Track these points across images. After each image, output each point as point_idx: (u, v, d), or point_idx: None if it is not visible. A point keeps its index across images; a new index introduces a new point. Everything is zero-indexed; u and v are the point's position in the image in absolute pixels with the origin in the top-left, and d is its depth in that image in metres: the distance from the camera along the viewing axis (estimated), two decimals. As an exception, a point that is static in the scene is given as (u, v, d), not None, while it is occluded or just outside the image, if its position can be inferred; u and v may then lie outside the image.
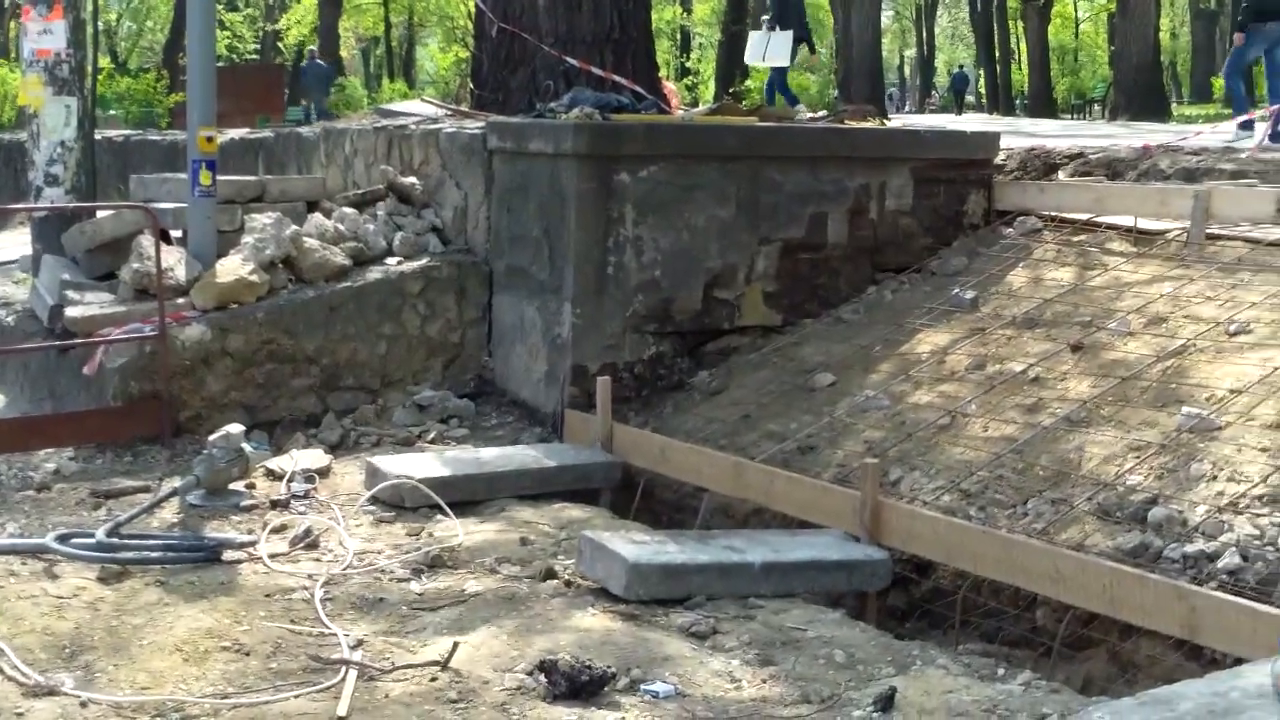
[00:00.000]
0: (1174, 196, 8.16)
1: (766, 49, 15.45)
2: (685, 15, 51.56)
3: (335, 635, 4.78)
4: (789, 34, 16.41)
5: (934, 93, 57.78)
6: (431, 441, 7.73)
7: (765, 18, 18.13)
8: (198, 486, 6.44)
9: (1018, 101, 46.54)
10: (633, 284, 7.92)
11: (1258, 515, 5.08)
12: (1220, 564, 4.91)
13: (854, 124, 10.02)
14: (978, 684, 4.41)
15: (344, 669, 4.45)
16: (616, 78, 10.32)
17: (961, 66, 59.30)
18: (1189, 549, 5.03)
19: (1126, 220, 8.33)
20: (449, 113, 11.46)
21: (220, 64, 30.69)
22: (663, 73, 15.71)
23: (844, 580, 5.57)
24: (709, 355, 8.15)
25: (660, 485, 6.99)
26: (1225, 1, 51.18)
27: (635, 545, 5.40)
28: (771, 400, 7.38)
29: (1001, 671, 4.69)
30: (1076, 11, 64.62)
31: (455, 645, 4.58)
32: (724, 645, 4.79)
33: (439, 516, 6.25)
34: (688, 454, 6.75)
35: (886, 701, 4.17)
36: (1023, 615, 5.33)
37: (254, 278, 7.98)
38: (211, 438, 6.61)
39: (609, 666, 4.37)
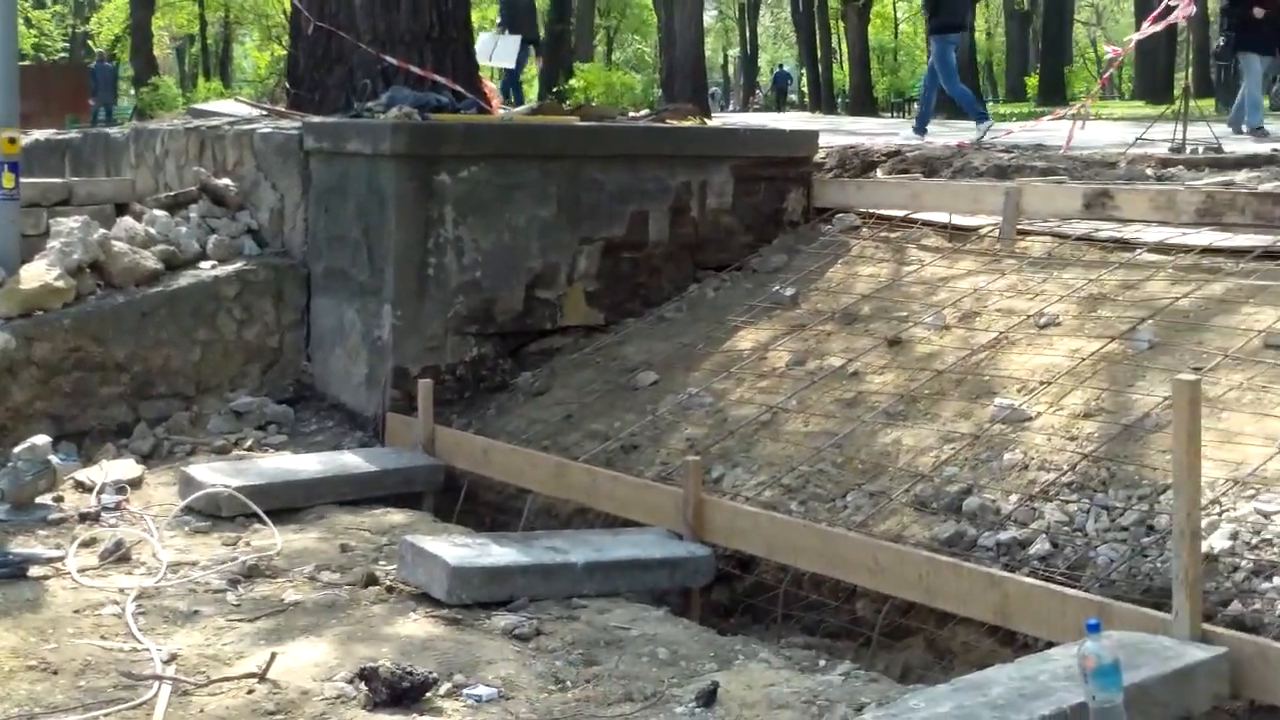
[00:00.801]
0: (986, 193, 8.35)
1: (494, 51, 15.77)
2: (508, 14, 51.45)
3: (148, 650, 4.64)
4: (517, 38, 17.01)
5: (758, 91, 58.41)
6: (249, 449, 7.56)
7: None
8: (2, 501, 6.22)
9: (839, 100, 47.31)
10: (454, 285, 7.85)
11: (1067, 502, 5.22)
12: (1032, 550, 5.03)
13: (675, 123, 10.08)
14: (798, 676, 4.45)
15: (156, 685, 4.33)
16: (436, 77, 10.23)
17: (783, 66, 60.12)
18: (1002, 537, 5.15)
19: (941, 217, 8.50)
20: (264, 112, 11.23)
21: (26, 63, 29.70)
22: (487, 72, 15.81)
23: (667, 578, 5.58)
24: (532, 356, 8.11)
25: (484, 488, 6.94)
26: (1039, 2, 52.71)
27: (457, 549, 5.35)
28: (594, 400, 7.38)
29: (822, 663, 4.76)
30: (896, 12, 65.93)
31: (273, 656, 4.48)
32: (547, 646, 4.76)
33: (257, 525, 6.11)
34: (510, 455, 6.71)
35: (709, 697, 4.18)
36: (843, 607, 5.40)
37: (60, 283, 7.72)
38: (16, 450, 6.39)
39: (431, 672, 4.31)
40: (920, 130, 14.58)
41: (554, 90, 24.84)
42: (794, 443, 6.28)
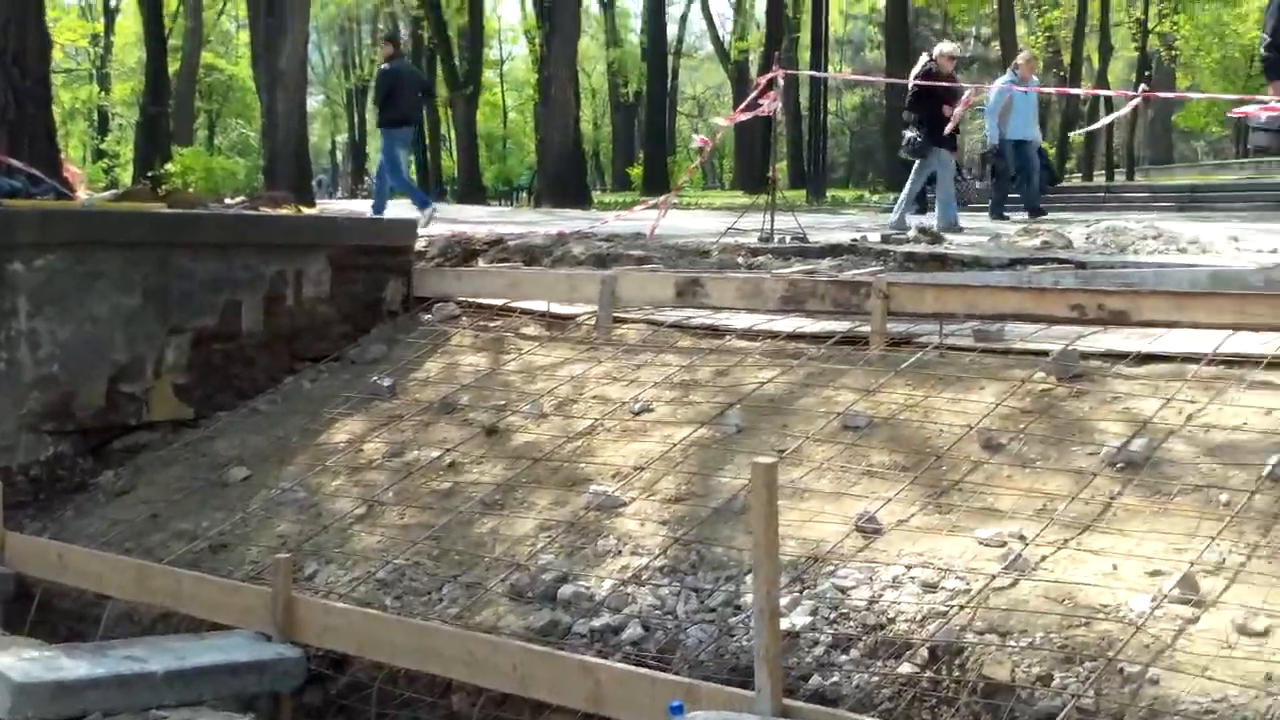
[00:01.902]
0: (583, 282, 8.49)
1: None
2: (103, 95, 49.60)
3: None
4: None
5: (366, 178, 58.15)
6: None
7: None
8: None
9: (448, 188, 47.61)
10: (28, 380, 7.40)
11: (658, 586, 5.28)
12: (625, 635, 5.07)
13: (270, 210, 9.87)
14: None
15: None
16: (12, 160, 9.70)
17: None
18: (596, 623, 5.17)
19: (541, 305, 8.60)
20: None
21: None
22: (78, 154, 15.18)
23: (256, 682, 5.35)
24: (115, 453, 7.71)
25: (59, 595, 6.51)
26: (643, 95, 54.55)
27: (23, 663, 4.98)
28: (183, 498, 7.06)
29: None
30: (505, 100, 66.99)
31: None
32: (123, 764, 4.48)
33: None
34: (88, 560, 6.32)
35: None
36: (439, 702, 5.30)
37: None
38: None
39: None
40: (378, 211, 16.39)
41: (149, 174, 24.02)
42: (390, 536, 6.16)
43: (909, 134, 15.62)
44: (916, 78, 15.74)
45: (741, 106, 13.81)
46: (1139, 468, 5.36)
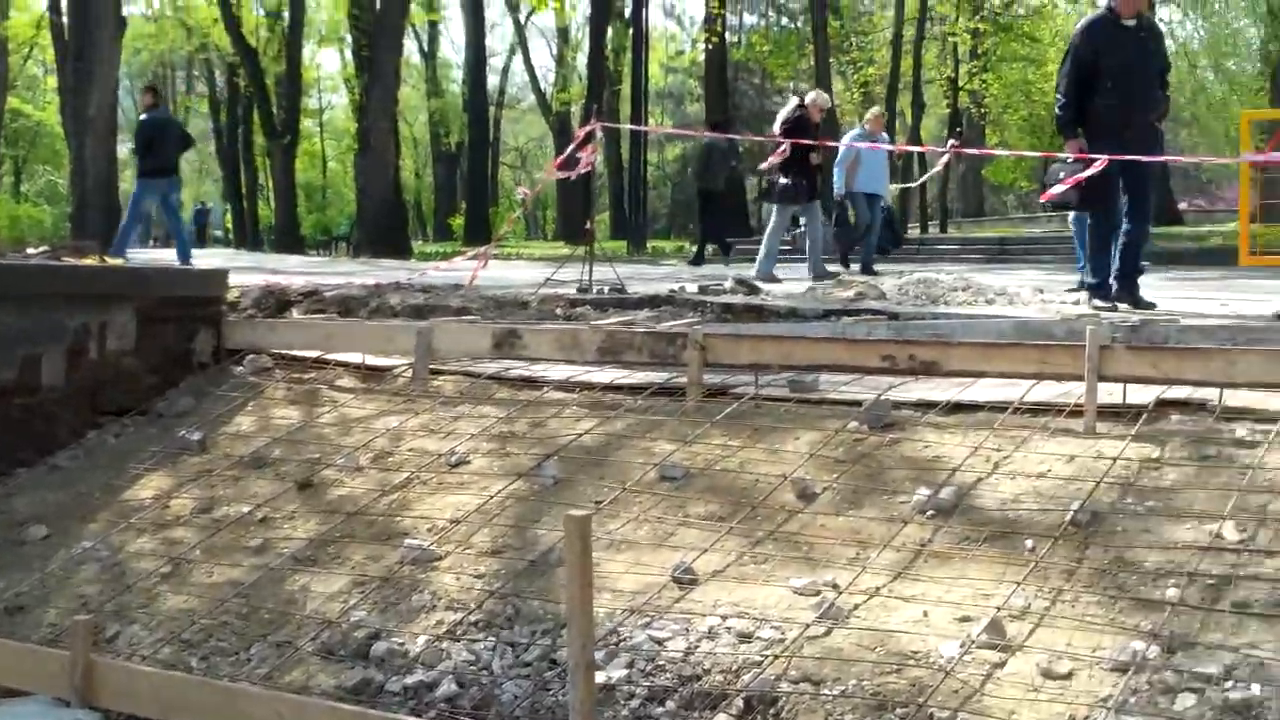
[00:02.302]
0: (399, 333, 8.38)
1: None
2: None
3: None
4: None
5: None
6: None
7: None
8: None
9: (266, 237, 46.95)
10: None
11: (474, 641, 5.21)
12: (439, 692, 4.98)
13: (73, 260, 9.58)
14: None
15: None
16: None
17: (205, 203, 59.02)
18: (409, 680, 5.07)
19: (356, 357, 8.47)
20: None
21: None
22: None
23: (52, 751, 5.14)
24: (-94, 514, 7.38)
25: None
26: (465, 145, 54.49)
27: None
28: (-22, 559, 6.77)
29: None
30: (324, 149, 66.39)
31: None
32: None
33: None
34: (-128, 626, 6.02)
35: None
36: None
37: None
38: None
39: None
40: (183, 260, 16.56)
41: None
42: (197, 595, 5.98)
43: (783, 181, 15.79)
44: (785, 123, 15.95)
45: (559, 159, 13.86)
46: (949, 515, 5.47)
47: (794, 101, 16.92)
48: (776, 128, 16.19)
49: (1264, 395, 6.23)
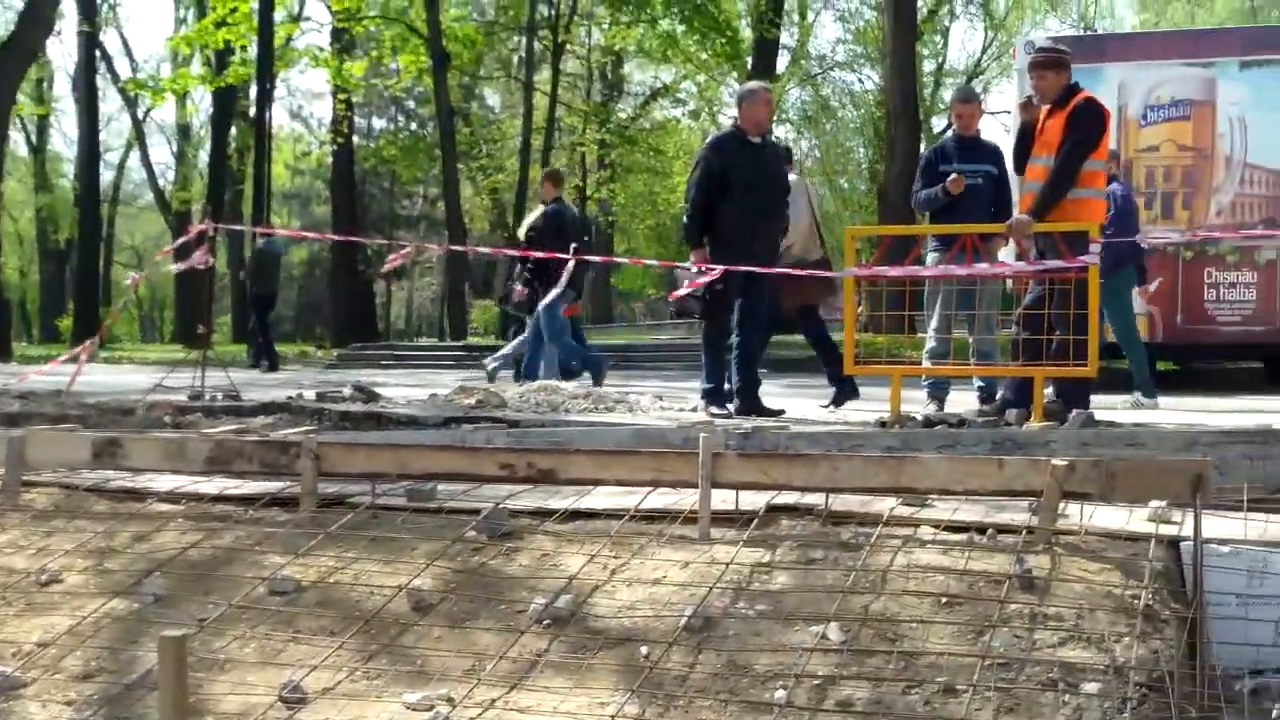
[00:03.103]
0: (-12, 442, 7.83)
1: None
2: None
3: None
4: None
5: None
6: None
7: None
8: None
9: None
10: None
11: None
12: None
13: None
14: None
15: None
16: None
17: None
18: (-16, 825, 4.67)
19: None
20: None
21: None
22: None
23: None
24: None
25: None
26: (75, 242, 52.23)
27: None
28: None
29: None
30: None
31: None
32: None
33: None
34: None
35: None
36: None
37: None
38: None
39: None
40: None
41: None
42: None
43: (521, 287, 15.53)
44: (532, 229, 15.79)
45: (169, 248, 13.44)
46: (566, 623, 5.45)
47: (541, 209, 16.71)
48: (524, 233, 16.10)
49: (866, 499, 6.50)
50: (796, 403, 12.24)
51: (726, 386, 10.64)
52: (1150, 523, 6.13)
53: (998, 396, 9.70)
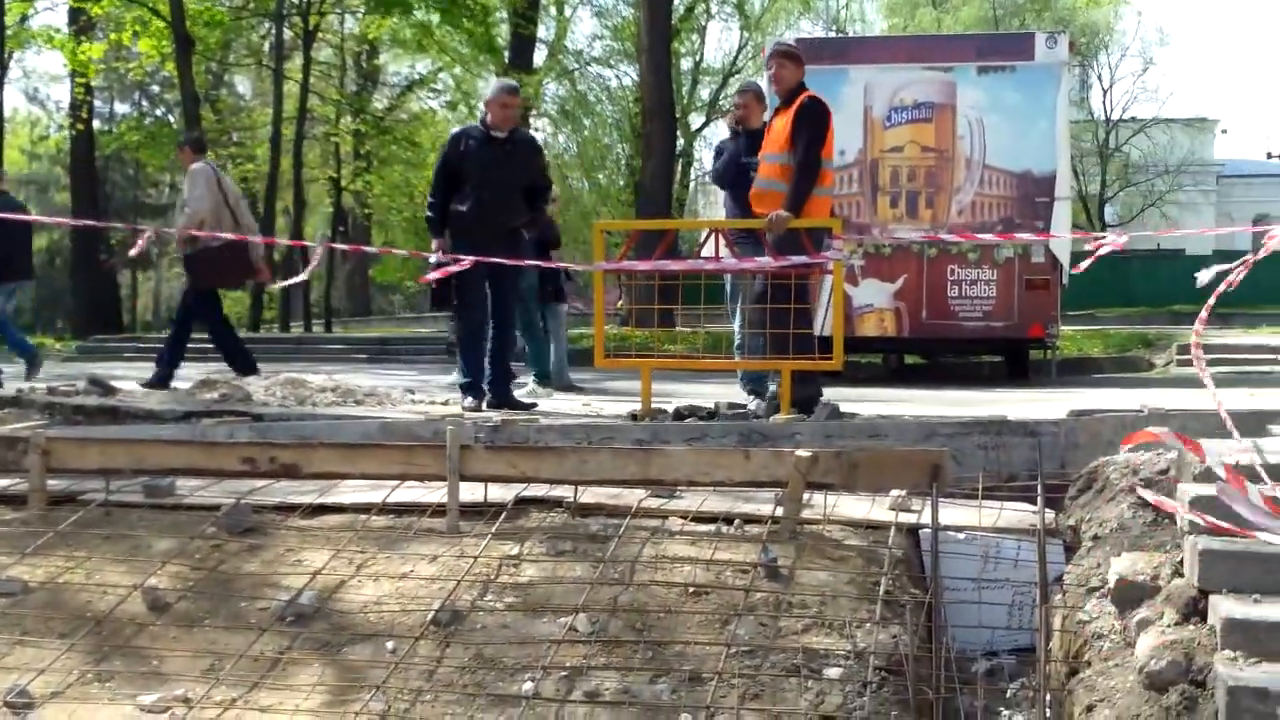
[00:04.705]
0: None
1: None
2: None
3: None
4: None
5: None
6: None
7: None
8: None
9: None
10: None
11: None
12: None
13: None
14: None
15: None
16: None
17: None
18: None
19: None
20: None
21: None
22: None
23: None
24: None
25: None
26: None
27: None
28: None
29: None
30: None
31: None
32: None
33: None
34: None
35: None
36: None
37: None
38: None
39: None
40: None
41: None
42: None
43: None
44: None
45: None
46: (310, 620, 5.33)
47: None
48: None
49: (617, 491, 6.53)
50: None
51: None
52: (891, 511, 6.33)
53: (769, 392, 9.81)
